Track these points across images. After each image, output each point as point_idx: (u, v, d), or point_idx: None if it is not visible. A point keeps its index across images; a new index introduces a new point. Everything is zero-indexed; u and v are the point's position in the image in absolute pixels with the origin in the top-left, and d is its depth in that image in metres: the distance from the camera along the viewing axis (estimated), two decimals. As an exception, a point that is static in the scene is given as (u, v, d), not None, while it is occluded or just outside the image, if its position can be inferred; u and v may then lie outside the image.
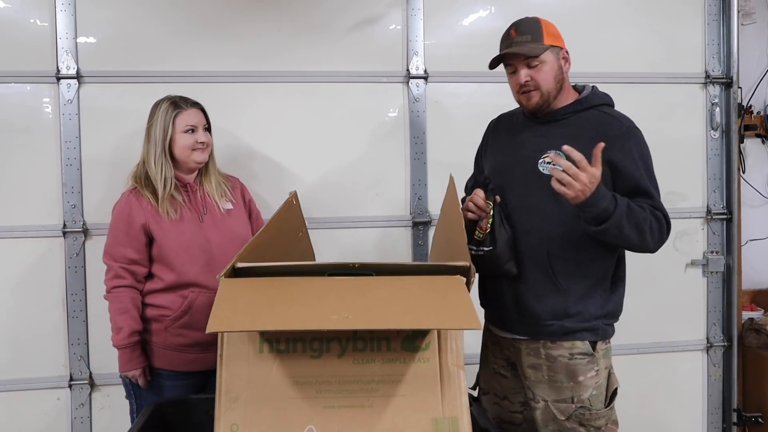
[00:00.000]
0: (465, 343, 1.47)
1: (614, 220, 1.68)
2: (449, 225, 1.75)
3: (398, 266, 1.58)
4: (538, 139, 1.87)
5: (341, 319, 1.30)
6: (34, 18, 2.49)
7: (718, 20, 2.91)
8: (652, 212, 1.76)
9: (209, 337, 2.08)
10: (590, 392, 1.82)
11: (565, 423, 1.82)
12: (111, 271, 2.09)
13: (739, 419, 2.97)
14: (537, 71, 1.81)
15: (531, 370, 1.86)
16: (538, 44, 1.81)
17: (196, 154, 2.13)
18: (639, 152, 1.81)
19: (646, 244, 1.76)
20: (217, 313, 1.31)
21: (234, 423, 1.37)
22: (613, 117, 1.86)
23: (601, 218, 1.68)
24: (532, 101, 1.84)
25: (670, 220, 1.81)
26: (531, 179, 1.84)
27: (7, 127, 2.48)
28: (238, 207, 2.24)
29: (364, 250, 2.69)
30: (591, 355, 1.83)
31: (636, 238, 1.73)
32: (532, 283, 1.84)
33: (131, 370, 2.07)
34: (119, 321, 2.05)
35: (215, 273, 2.02)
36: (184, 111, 2.12)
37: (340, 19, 2.67)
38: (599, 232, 1.71)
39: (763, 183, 3.26)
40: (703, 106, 2.93)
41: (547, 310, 1.83)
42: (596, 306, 1.84)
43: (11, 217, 2.49)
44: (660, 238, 1.79)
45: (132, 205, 2.08)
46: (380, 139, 2.71)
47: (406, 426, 1.38)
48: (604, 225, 1.69)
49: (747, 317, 3.08)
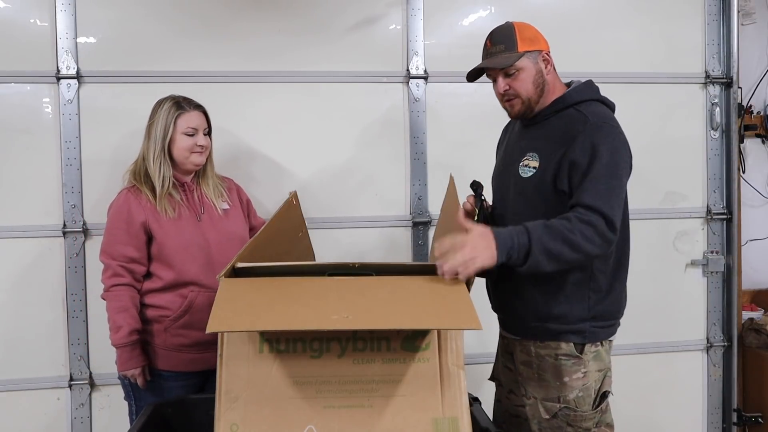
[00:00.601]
0: (465, 343, 1.47)
1: (535, 252, 1.60)
2: (449, 225, 1.75)
3: (398, 266, 1.59)
4: (521, 143, 1.89)
5: (341, 319, 1.30)
6: (34, 18, 2.49)
7: (718, 20, 2.91)
8: (579, 219, 1.66)
9: (209, 337, 2.07)
10: (576, 393, 1.81)
11: (552, 421, 1.82)
12: (109, 270, 2.08)
13: (739, 419, 2.97)
14: (514, 80, 1.81)
15: (523, 366, 1.88)
16: (512, 53, 1.80)
17: (194, 157, 2.13)
18: (593, 144, 1.71)
19: (588, 253, 1.67)
20: (217, 313, 1.31)
21: (234, 423, 1.37)
22: (583, 114, 1.79)
23: (523, 259, 1.61)
24: (515, 109, 1.85)
25: (611, 215, 1.67)
26: (512, 182, 1.86)
27: (7, 127, 2.48)
28: (235, 207, 2.24)
29: (364, 250, 2.69)
30: (577, 357, 1.81)
31: (570, 253, 1.63)
32: (516, 284, 1.84)
33: (131, 369, 2.06)
34: (118, 320, 2.04)
35: (214, 272, 2.05)
36: (186, 112, 2.12)
37: (340, 19, 2.67)
38: (531, 267, 1.62)
39: (763, 183, 3.26)
40: (703, 106, 2.93)
41: (531, 311, 1.83)
42: (582, 308, 1.80)
43: (11, 217, 2.49)
44: (603, 240, 1.67)
45: (131, 203, 2.08)
46: (380, 139, 2.71)
47: (406, 426, 1.38)
48: (530, 259, 1.61)
49: (747, 317, 3.08)
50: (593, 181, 1.69)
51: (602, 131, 1.74)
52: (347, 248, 2.67)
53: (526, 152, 1.83)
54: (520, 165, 1.84)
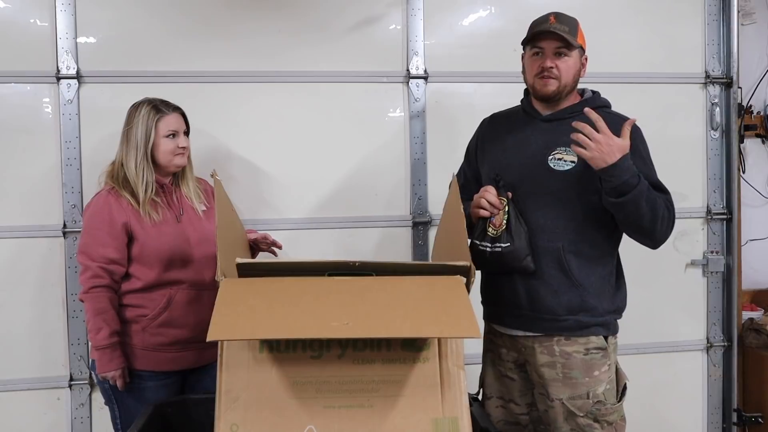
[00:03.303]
0: (465, 344, 1.47)
1: (634, 195, 1.72)
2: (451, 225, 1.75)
3: (398, 265, 1.59)
4: (545, 136, 1.89)
5: (341, 326, 1.30)
6: (34, 18, 2.49)
7: (718, 20, 2.91)
8: (665, 203, 1.82)
9: (188, 335, 2.09)
10: (604, 386, 1.85)
11: (582, 420, 1.83)
12: (88, 271, 2.06)
13: (739, 419, 2.97)
14: (563, 62, 1.85)
15: (545, 368, 1.87)
16: (574, 39, 1.85)
17: (177, 159, 2.13)
18: (645, 150, 1.87)
19: (655, 232, 1.80)
20: (217, 320, 1.31)
21: (234, 423, 1.37)
22: (618, 116, 1.89)
23: (622, 190, 1.72)
24: (548, 88, 1.86)
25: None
26: (541, 176, 1.86)
27: (7, 127, 2.48)
28: (212, 208, 2.23)
29: (364, 250, 2.68)
30: (604, 350, 1.86)
31: (648, 221, 1.77)
32: (548, 279, 1.85)
33: (111, 370, 2.04)
34: (98, 322, 2.03)
35: (194, 270, 2.09)
36: (166, 115, 2.11)
37: (340, 19, 2.67)
38: (617, 204, 1.75)
39: (763, 183, 3.26)
40: (703, 106, 2.93)
41: (564, 305, 1.84)
42: (608, 301, 1.88)
43: (11, 217, 2.49)
44: (667, 229, 1.83)
45: (111, 205, 2.07)
46: (380, 139, 2.71)
47: (407, 426, 1.38)
48: (624, 198, 1.73)
49: (747, 317, 3.09)
50: (657, 178, 1.86)
51: (641, 135, 1.88)
52: (347, 248, 2.67)
53: (554, 146, 1.86)
54: (549, 159, 1.85)
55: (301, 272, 1.51)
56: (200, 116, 2.44)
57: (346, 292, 1.43)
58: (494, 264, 1.85)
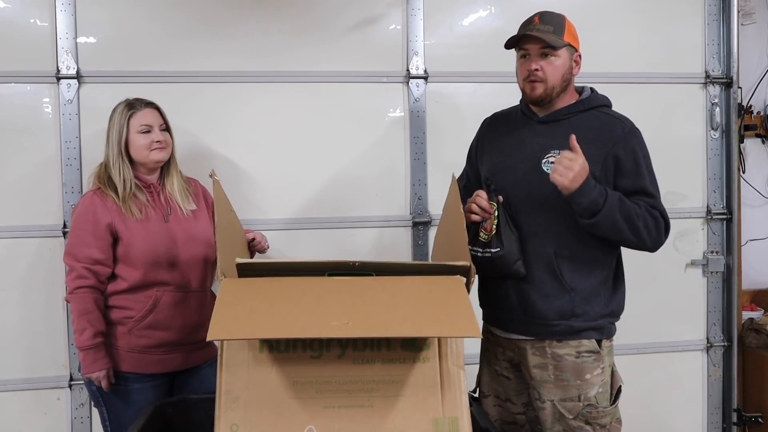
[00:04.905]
0: (465, 343, 1.47)
1: (605, 212, 1.72)
2: (451, 225, 1.75)
3: (398, 265, 1.59)
4: (540, 139, 1.88)
5: (341, 325, 1.30)
6: (34, 18, 2.49)
7: (718, 20, 2.91)
8: (647, 209, 1.79)
9: (175, 337, 2.09)
10: (596, 390, 1.83)
11: (572, 422, 1.83)
12: (74, 272, 2.06)
13: (739, 419, 2.97)
14: (549, 63, 1.82)
15: (537, 370, 1.86)
16: (558, 37, 1.82)
17: (154, 154, 2.12)
18: (642, 152, 1.84)
19: (643, 240, 1.79)
20: (217, 320, 1.31)
21: (234, 423, 1.37)
22: (615, 117, 1.88)
23: (592, 210, 1.72)
24: (536, 92, 1.84)
25: (669, 221, 1.83)
26: (535, 179, 1.84)
27: (7, 127, 2.48)
28: (201, 208, 2.23)
29: (364, 250, 2.68)
30: (597, 353, 1.85)
31: (630, 232, 1.76)
32: (539, 283, 1.84)
33: (96, 371, 2.03)
34: (82, 322, 2.03)
35: (180, 271, 2.09)
36: (138, 111, 2.12)
37: (340, 19, 2.67)
38: (592, 225, 1.75)
39: (763, 183, 3.26)
40: (703, 106, 2.93)
41: (554, 309, 1.83)
42: (601, 305, 1.86)
43: (11, 217, 2.49)
44: (657, 236, 1.80)
45: (96, 205, 2.07)
46: (380, 139, 2.71)
47: (407, 426, 1.38)
48: (596, 217, 1.72)
49: (747, 317, 3.09)
50: (653, 188, 1.84)
51: (639, 137, 1.85)
52: (347, 248, 2.67)
53: (549, 149, 1.84)
54: (543, 162, 1.84)
55: (301, 272, 1.51)
56: (200, 116, 2.45)
57: (346, 292, 1.43)
58: (486, 268, 1.83)
